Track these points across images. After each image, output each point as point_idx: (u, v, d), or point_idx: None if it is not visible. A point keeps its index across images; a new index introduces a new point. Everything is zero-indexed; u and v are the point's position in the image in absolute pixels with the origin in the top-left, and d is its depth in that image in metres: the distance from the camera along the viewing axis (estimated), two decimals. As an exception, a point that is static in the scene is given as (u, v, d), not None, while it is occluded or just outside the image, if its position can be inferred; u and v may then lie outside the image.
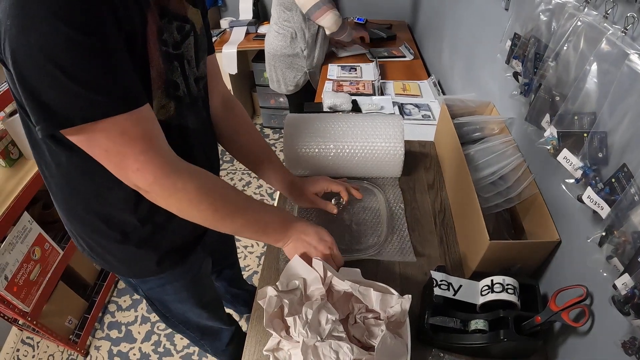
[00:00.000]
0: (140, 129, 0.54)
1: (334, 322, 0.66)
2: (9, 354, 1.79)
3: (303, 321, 0.64)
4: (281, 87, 2.13)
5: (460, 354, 0.74)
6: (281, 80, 2.09)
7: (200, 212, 0.65)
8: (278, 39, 1.96)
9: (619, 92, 0.57)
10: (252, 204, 0.73)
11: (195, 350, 1.75)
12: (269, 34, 2.01)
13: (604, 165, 0.62)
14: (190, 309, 1.04)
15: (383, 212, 1.01)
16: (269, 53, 2.04)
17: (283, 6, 1.87)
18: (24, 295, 1.41)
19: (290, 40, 1.95)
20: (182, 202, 0.62)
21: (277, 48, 1.98)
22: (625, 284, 0.53)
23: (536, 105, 0.80)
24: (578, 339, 0.70)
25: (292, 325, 0.66)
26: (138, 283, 0.91)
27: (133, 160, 0.55)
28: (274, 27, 1.96)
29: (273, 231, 0.76)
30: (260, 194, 2.54)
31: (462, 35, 1.58)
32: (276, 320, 0.69)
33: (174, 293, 0.96)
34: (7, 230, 1.34)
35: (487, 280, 0.75)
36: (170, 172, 0.58)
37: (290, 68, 2.04)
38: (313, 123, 1.07)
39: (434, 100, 1.72)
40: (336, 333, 0.66)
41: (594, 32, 0.63)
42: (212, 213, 0.65)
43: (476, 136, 1.12)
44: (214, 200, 0.65)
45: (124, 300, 1.97)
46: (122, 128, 0.52)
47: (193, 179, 0.61)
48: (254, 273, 2.06)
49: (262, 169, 0.95)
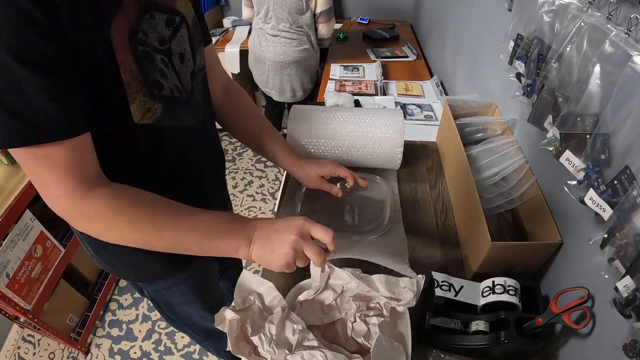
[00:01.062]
0: (66, 157, 0.52)
1: (302, 331, 0.64)
2: (10, 351, 1.80)
3: (268, 338, 0.62)
4: (296, 94, 2.10)
5: (461, 355, 0.74)
6: (297, 87, 2.07)
7: (119, 234, 0.59)
8: (293, 44, 1.94)
9: (622, 93, 0.56)
10: (187, 211, 0.62)
11: (195, 349, 1.75)
12: (276, 44, 1.96)
13: (606, 167, 0.62)
14: (196, 311, 1.04)
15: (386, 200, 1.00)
16: (282, 63, 1.99)
17: (297, 12, 1.86)
18: (25, 292, 1.42)
19: (304, 44, 1.95)
20: (98, 225, 0.58)
21: (294, 55, 1.96)
22: (627, 287, 0.53)
23: (539, 107, 0.80)
24: (579, 341, 0.70)
25: (258, 345, 0.63)
26: (144, 285, 0.91)
27: (54, 185, 0.54)
28: (283, 34, 1.92)
29: (223, 234, 0.61)
30: (262, 193, 2.54)
31: (465, 35, 1.57)
32: (241, 343, 0.65)
33: (180, 295, 0.96)
34: (9, 228, 1.34)
35: (488, 282, 0.75)
36: (86, 197, 0.55)
37: (306, 72, 2.04)
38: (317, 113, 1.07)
39: (437, 101, 1.72)
40: (307, 342, 0.63)
41: (597, 34, 0.63)
42: (132, 232, 0.58)
43: (478, 137, 1.12)
44: (133, 218, 0.58)
45: (125, 298, 1.98)
46: (46, 153, 0.51)
47: (110, 199, 0.57)
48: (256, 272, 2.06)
49: (267, 148, 0.92)
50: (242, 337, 0.65)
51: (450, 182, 1.11)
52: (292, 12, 1.86)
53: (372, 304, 0.73)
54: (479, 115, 1.18)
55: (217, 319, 0.65)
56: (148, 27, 0.58)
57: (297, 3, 1.85)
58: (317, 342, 0.63)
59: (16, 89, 0.46)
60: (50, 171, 0.53)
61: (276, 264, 0.60)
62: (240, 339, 0.64)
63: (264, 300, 0.70)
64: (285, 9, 1.86)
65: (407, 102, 1.69)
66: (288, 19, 1.88)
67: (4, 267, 1.31)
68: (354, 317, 0.72)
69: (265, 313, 0.67)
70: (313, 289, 0.73)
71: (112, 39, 0.54)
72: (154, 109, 0.63)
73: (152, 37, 0.59)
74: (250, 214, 2.38)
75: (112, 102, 0.57)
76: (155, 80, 0.61)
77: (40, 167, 0.52)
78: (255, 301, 0.68)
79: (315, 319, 0.73)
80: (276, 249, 0.60)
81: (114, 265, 0.83)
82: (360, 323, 0.71)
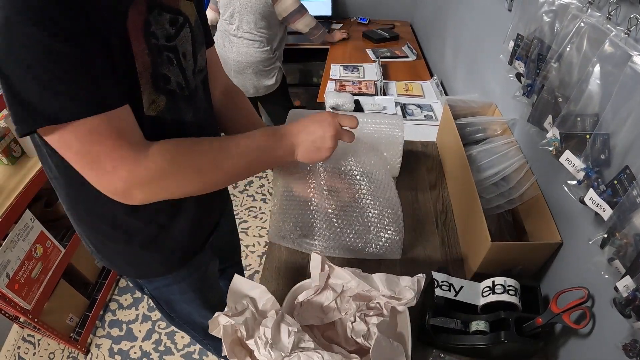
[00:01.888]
0: (110, 127, 0.53)
1: (297, 332, 0.63)
2: (10, 351, 1.80)
3: (264, 342, 0.62)
4: (259, 91, 2.19)
5: (461, 355, 0.73)
6: (259, 84, 2.16)
7: (189, 182, 0.62)
8: (255, 46, 2.01)
9: (621, 93, 0.56)
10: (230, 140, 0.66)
11: (195, 349, 1.75)
12: (239, 46, 2.03)
13: (606, 167, 0.62)
14: (196, 309, 1.04)
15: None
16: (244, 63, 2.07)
17: (261, 15, 1.93)
18: (25, 292, 1.41)
19: (266, 45, 2.03)
20: (165, 182, 0.59)
21: (255, 55, 2.03)
22: (627, 287, 0.53)
23: (539, 107, 0.80)
24: (579, 341, 0.70)
25: (254, 349, 0.63)
26: (144, 282, 0.91)
27: (105, 158, 0.54)
28: (246, 35, 1.99)
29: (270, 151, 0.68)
30: (262, 193, 2.54)
31: (465, 35, 1.57)
32: (237, 347, 0.65)
33: (180, 293, 0.96)
34: (9, 228, 1.34)
35: (488, 282, 0.75)
36: (143, 159, 0.56)
37: (268, 71, 2.12)
38: None
39: (437, 101, 1.72)
40: (303, 344, 0.63)
41: (597, 34, 0.63)
42: (198, 175, 0.62)
43: (478, 137, 1.12)
44: (194, 163, 0.61)
45: (125, 298, 1.98)
46: (90, 127, 0.52)
47: (164, 153, 0.58)
48: (255, 272, 2.06)
49: None
50: (237, 342, 0.65)
51: (450, 182, 1.11)
52: (256, 15, 1.93)
53: (372, 303, 0.73)
54: (479, 115, 1.18)
55: (211, 325, 0.66)
56: (156, 23, 0.60)
57: (263, 7, 1.91)
58: (313, 343, 0.63)
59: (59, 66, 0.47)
60: (97, 145, 0.53)
61: (323, 156, 0.70)
62: (235, 344, 0.65)
63: (257, 304, 0.70)
64: (250, 11, 1.92)
65: (407, 102, 1.69)
66: (252, 20, 1.94)
67: (4, 267, 1.31)
68: (353, 317, 0.72)
69: (259, 317, 0.67)
70: (313, 289, 0.74)
71: (129, 29, 0.55)
72: (158, 102, 0.64)
73: (160, 33, 0.61)
74: (250, 214, 2.39)
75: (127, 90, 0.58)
76: (163, 73, 0.63)
77: (87, 144, 0.52)
78: (249, 305, 0.68)
79: (315, 319, 0.73)
80: (320, 146, 0.69)
81: (114, 262, 0.83)
82: (360, 323, 0.71)
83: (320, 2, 2.75)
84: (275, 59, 2.12)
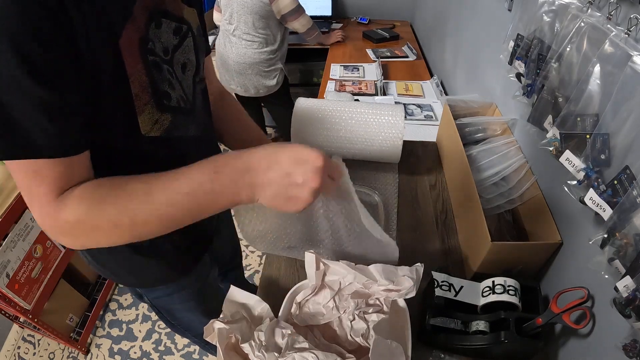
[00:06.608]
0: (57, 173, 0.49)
1: (291, 334, 0.64)
2: (10, 351, 1.80)
3: (257, 344, 0.62)
4: (259, 91, 2.19)
5: (460, 355, 0.74)
6: (260, 85, 2.16)
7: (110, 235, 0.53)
8: (253, 47, 2.01)
9: (622, 93, 0.56)
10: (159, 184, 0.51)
11: (195, 349, 1.75)
12: (238, 46, 2.03)
13: (606, 167, 0.62)
14: (197, 317, 1.03)
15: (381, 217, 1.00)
16: (243, 64, 2.07)
17: (259, 15, 1.93)
18: (25, 292, 1.42)
19: (265, 45, 2.03)
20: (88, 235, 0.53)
21: (254, 56, 2.04)
22: (627, 287, 0.53)
23: (539, 107, 0.80)
24: (579, 341, 0.70)
25: (249, 352, 0.63)
26: (144, 292, 0.90)
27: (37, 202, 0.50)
28: (245, 36, 1.99)
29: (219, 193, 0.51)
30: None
31: (465, 35, 1.57)
32: (231, 352, 0.65)
33: (181, 302, 0.95)
34: (9, 228, 1.34)
35: (488, 282, 0.75)
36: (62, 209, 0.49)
37: (269, 72, 2.12)
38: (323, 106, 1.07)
39: (437, 101, 1.72)
40: (297, 345, 0.63)
41: (597, 34, 0.63)
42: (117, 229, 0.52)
43: (478, 137, 1.12)
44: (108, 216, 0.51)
45: (125, 298, 1.98)
46: (35, 168, 0.48)
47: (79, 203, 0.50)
48: (255, 272, 2.06)
49: None
50: (232, 347, 0.66)
51: (450, 182, 1.11)
52: (254, 15, 1.93)
53: (371, 300, 0.73)
54: (479, 115, 1.17)
55: (206, 331, 0.66)
56: (154, 36, 0.57)
57: (260, 7, 1.90)
58: (307, 344, 0.63)
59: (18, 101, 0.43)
60: (35, 187, 0.49)
61: (293, 209, 0.53)
62: (230, 349, 0.65)
63: (252, 313, 0.70)
64: (248, 12, 1.92)
65: (407, 102, 1.69)
66: (250, 21, 1.94)
67: (4, 267, 1.31)
68: (352, 316, 0.72)
69: (254, 325, 0.67)
70: (310, 288, 0.73)
71: (122, 50, 0.51)
72: (162, 120, 0.61)
73: (158, 47, 0.58)
74: (250, 214, 2.39)
75: (118, 115, 0.55)
76: (164, 91, 0.60)
77: (26, 180, 0.49)
78: (244, 314, 0.69)
79: (314, 319, 0.73)
80: (294, 196, 0.51)
81: (114, 271, 0.82)
82: (359, 321, 0.71)
83: (320, 1, 2.75)
84: (276, 60, 2.11)
